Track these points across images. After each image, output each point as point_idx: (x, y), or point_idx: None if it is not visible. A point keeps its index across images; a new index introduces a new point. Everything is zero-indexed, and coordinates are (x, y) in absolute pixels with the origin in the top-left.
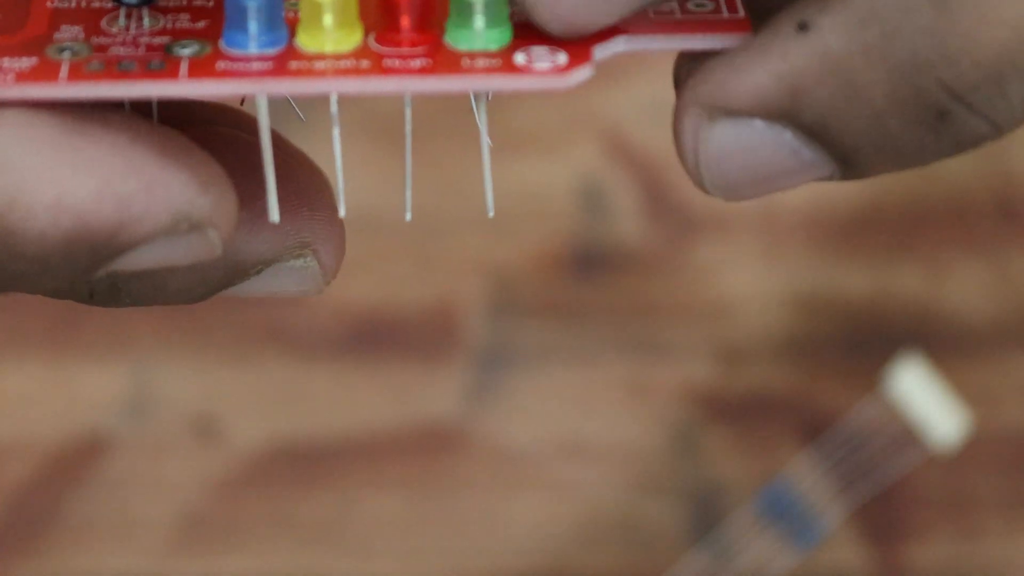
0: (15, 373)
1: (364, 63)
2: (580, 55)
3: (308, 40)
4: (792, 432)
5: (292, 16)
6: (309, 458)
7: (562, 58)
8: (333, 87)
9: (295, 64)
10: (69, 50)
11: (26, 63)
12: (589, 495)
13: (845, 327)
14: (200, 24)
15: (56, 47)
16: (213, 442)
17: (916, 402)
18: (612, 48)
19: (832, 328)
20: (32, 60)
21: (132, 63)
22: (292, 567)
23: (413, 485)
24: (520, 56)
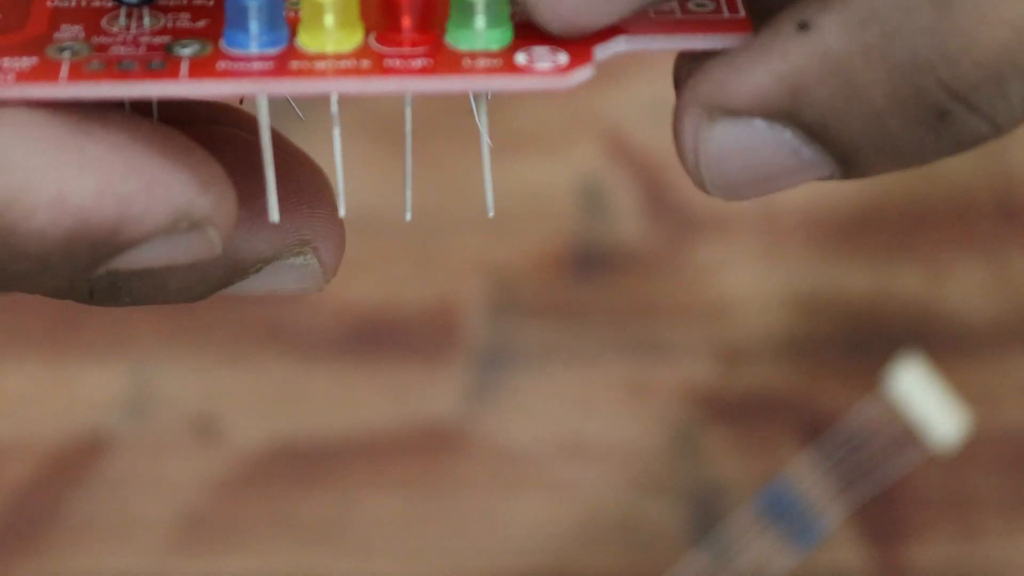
0: (15, 373)
1: (365, 63)
2: (581, 55)
3: (309, 40)
4: (792, 432)
5: (293, 16)
6: (309, 458)
7: (563, 58)
8: (334, 87)
9: (296, 64)
10: (69, 50)
11: (26, 63)
12: (589, 495)
13: (845, 327)
14: (200, 23)
15: (56, 47)
16: (213, 442)
17: (916, 402)
18: (613, 48)
19: (832, 328)
20: (32, 60)
21: (132, 63)
22: (292, 567)
23: (413, 485)
24: (521, 56)
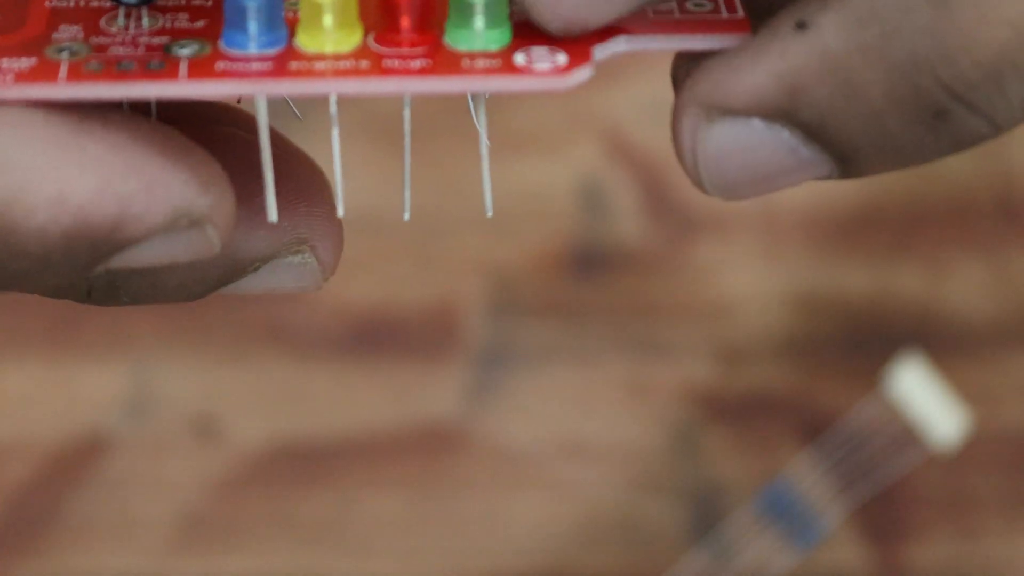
0: (15, 373)
1: (364, 64)
2: (580, 55)
3: (308, 40)
4: (792, 432)
5: (292, 16)
6: (309, 458)
7: (562, 58)
8: (333, 88)
9: (295, 64)
10: (68, 50)
11: (25, 63)
12: (589, 495)
13: (845, 327)
14: (199, 24)
15: (55, 47)
16: (213, 442)
17: (916, 402)
18: (612, 48)
19: (832, 328)
20: (31, 60)
21: (131, 63)
22: (292, 567)
23: (413, 485)
24: (520, 56)
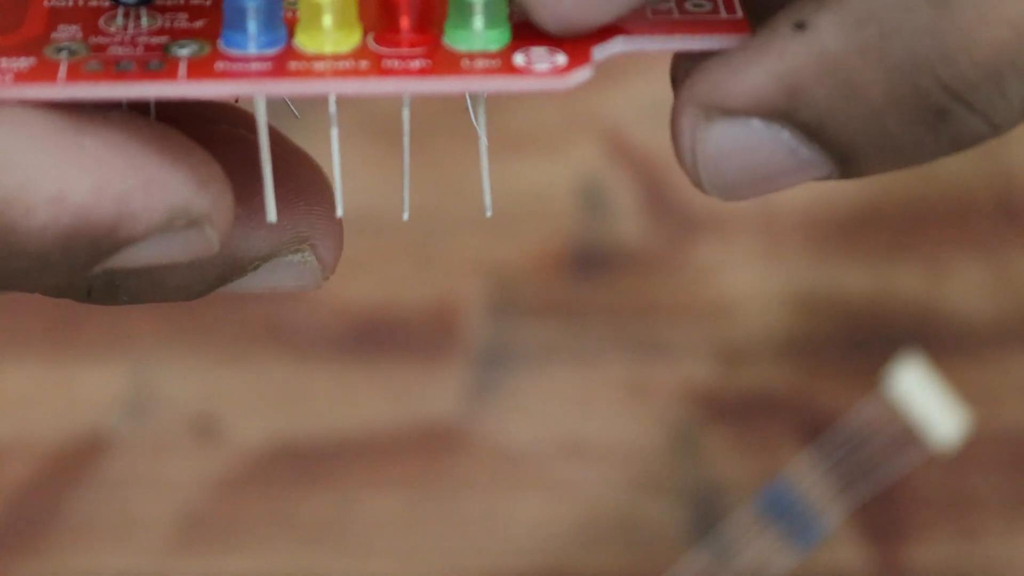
0: (15, 373)
1: (363, 64)
2: (579, 56)
3: (307, 40)
4: (792, 432)
5: (291, 16)
6: (309, 458)
7: (561, 59)
8: (332, 88)
9: (294, 65)
10: (67, 50)
11: (24, 63)
12: (589, 495)
13: (845, 327)
14: (198, 23)
15: (54, 47)
16: (213, 442)
17: (916, 402)
18: (611, 48)
19: (832, 328)
20: (30, 60)
21: (130, 63)
22: (292, 567)
23: (413, 485)
24: (519, 57)
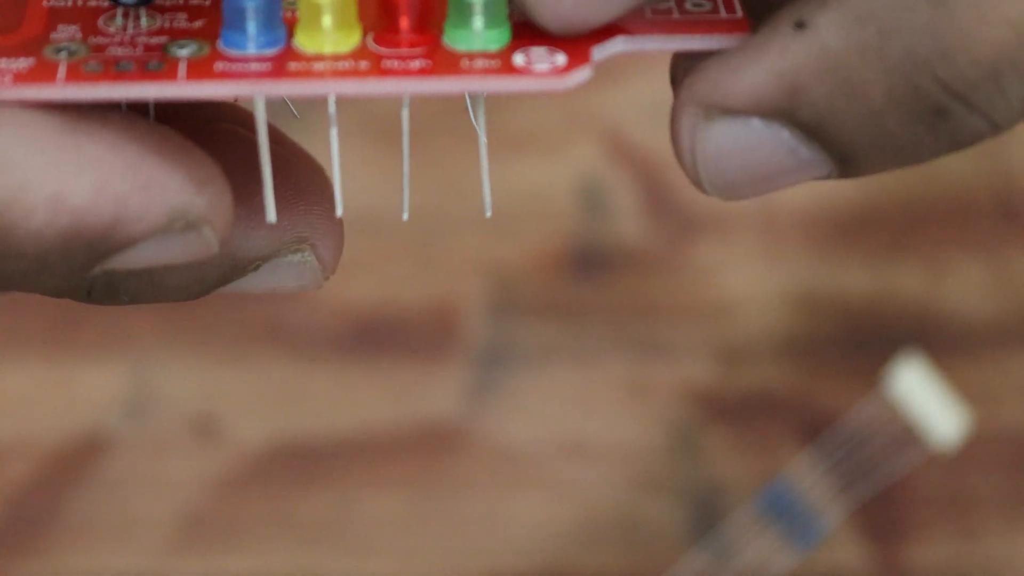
0: (15, 373)
1: (363, 64)
2: (579, 56)
3: (306, 41)
4: (792, 432)
5: (290, 16)
6: (309, 458)
7: (561, 59)
8: (331, 88)
9: (294, 65)
10: (66, 50)
11: (24, 64)
12: (589, 495)
13: (845, 327)
14: (197, 24)
15: (53, 47)
16: (213, 442)
17: (916, 402)
18: (611, 48)
19: (832, 328)
20: (30, 61)
21: (130, 63)
22: (292, 567)
23: (413, 485)
24: (519, 57)
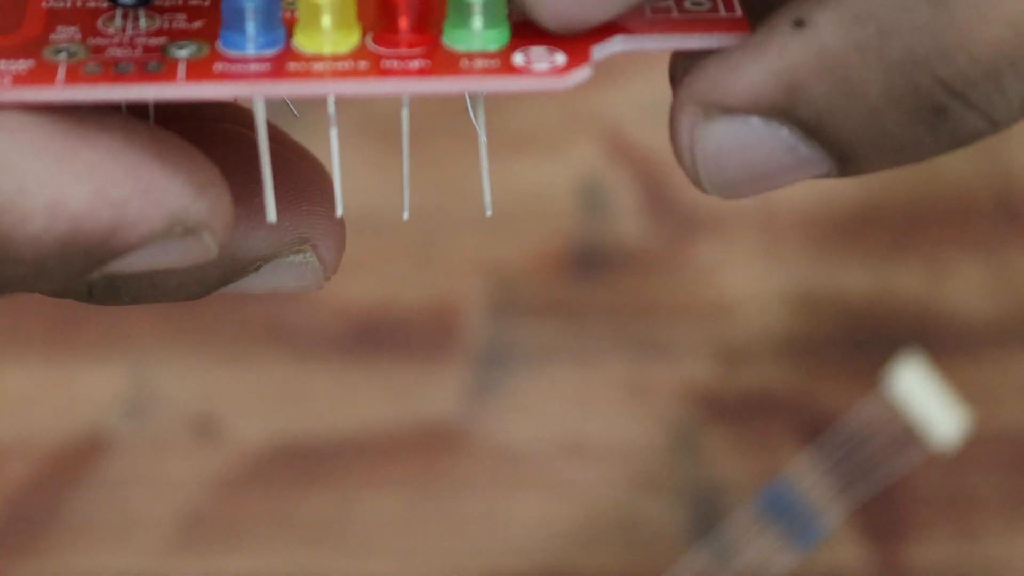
0: (15, 373)
1: (362, 64)
2: (578, 55)
3: (306, 41)
4: (792, 432)
5: (290, 17)
6: (309, 458)
7: (560, 58)
8: (331, 88)
9: (293, 65)
10: (66, 51)
11: (23, 65)
12: (589, 495)
13: (845, 327)
14: (196, 24)
15: (53, 48)
16: (213, 442)
17: (916, 402)
18: (610, 48)
19: (832, 328)
20: (29, 62)
21: (129, 64)
22: (292, 567)
23: (413, 485)
24: (519, 56)
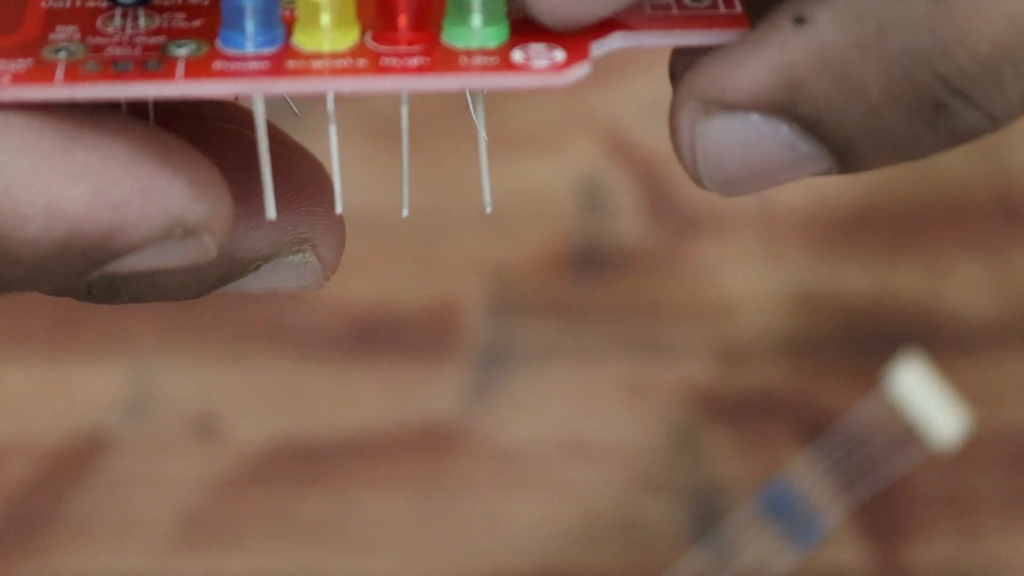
0: (15, 373)
1: (361, 62)
2: (577, 52)
3: (305, 39)
4: (792, 432)
5: (289, 15)
6: (309, 458)
7: (559, 55)
8: (330, 86)
9: (292, 63)
10: (65, 50)
11: (22, 64)
12: (589, 495)
13: (845, 327)
14: (196, 23)
15: (52, 48)
16: (213, 442)
17: (916, 401)
18: (609, 45)
19: (832, 328)
20: (28, 62)
21: (128, 63)
22: (292, 567)
23: (413, 485)
24: (518, 53)
